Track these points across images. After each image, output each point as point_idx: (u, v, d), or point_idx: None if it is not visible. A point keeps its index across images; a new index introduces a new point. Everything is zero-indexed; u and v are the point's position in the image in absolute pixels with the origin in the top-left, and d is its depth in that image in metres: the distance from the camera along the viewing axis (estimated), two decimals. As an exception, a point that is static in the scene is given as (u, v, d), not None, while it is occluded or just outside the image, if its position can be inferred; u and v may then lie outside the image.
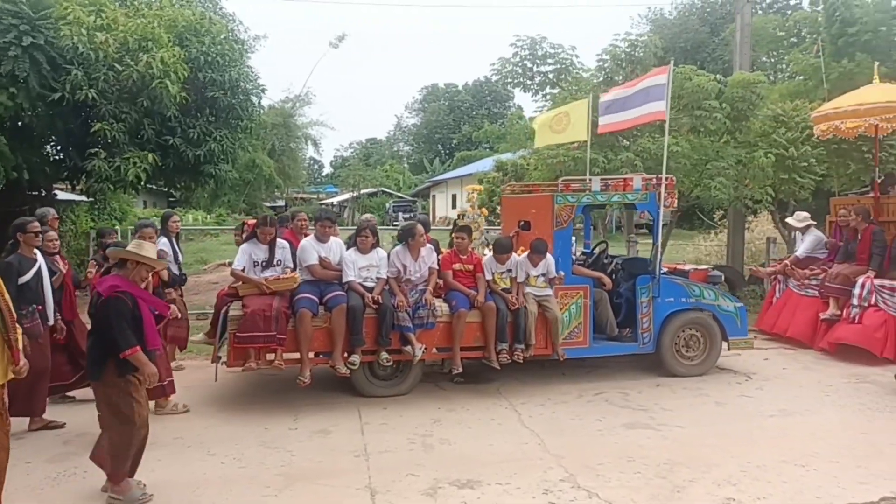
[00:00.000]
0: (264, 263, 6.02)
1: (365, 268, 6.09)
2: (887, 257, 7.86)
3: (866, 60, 15.34)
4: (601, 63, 11.00)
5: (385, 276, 6.13)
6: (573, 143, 9.47)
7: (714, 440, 5.11)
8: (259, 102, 12.86)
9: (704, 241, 16.90)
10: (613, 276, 7.28)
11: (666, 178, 6.90)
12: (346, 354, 5.90)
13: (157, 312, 4.32)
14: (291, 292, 5.90)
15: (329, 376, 6.27)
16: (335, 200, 45.69)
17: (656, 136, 10.64)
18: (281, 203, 38.40)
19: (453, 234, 6.73)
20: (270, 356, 5.82)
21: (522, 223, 7.04)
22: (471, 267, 6.39)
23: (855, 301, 7.75)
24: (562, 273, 6.58)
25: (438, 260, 6.53)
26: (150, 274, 4.49)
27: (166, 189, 15.96)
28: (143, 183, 10.48)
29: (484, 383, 6.60)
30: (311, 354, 5.99)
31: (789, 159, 10.99)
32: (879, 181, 9.44)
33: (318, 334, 5.86)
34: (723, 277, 8.41)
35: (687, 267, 8.21)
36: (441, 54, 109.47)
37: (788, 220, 9.83)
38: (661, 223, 6.97)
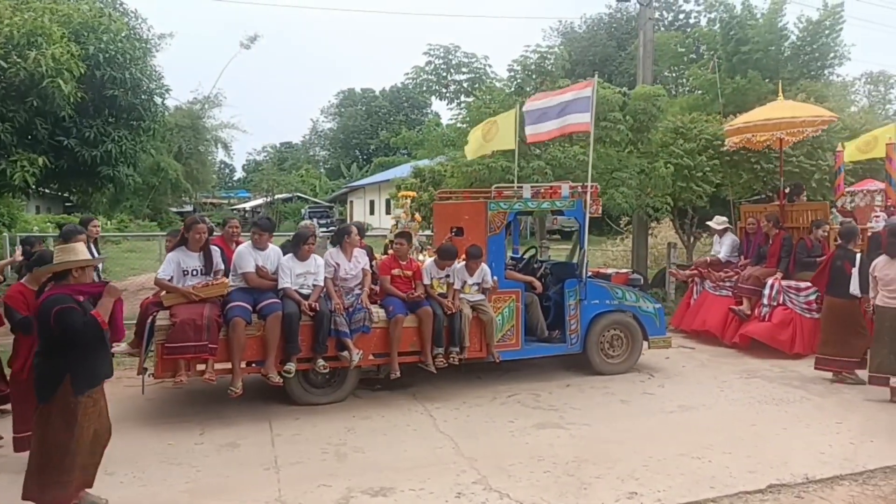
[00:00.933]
0: (198, 271, 5.69)
1: (302, 275, 5.98)
2: (792, 260, 8.50)
3: (756, 77, 16.63)
4: (512, 73, 11.29)
5: (321, 284, 6.03)
6: (498, 151, 9.64)
7: (619, 437, 5.34)
8: (163, 102, 12.29)
9: (612, 247, 17.65)
10: (543, 280, 7.52)
11: (591, 187, 7.22)
12: (280, 363, 5.75)
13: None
14: (223, 300, 5.70)
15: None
16: (248, 206, 44.34)
17: (565, 145, 11.04)
18: (189, 208, 36.84)
19: (393, 240, 6.73)
20: (201, 367, 5.60)
21: (455, 229, 7.12)
22: (410, 273, 6.44)
23: (765, 300, 8.36)
24: (496, 278, 6.71)
25: (374, 265, 6.57)
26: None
27: (60, 193, 14.93)
28: (33, 187, 9.75)
29: (399, 389, 6.58)
30: (243, 364, 5.80)
31: (687, 169, 11.69)
32: (786, 191, 10.15)
33: (251, 343, 5.70)
34: (641, 280, 8.87)
35: (609, 270, 8.58)
36: (358, 59, 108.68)
37: (709, 223, 10.53)
38: (586, 229, 7.27)
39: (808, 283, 8.10)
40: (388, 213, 29.73)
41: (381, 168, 43.22)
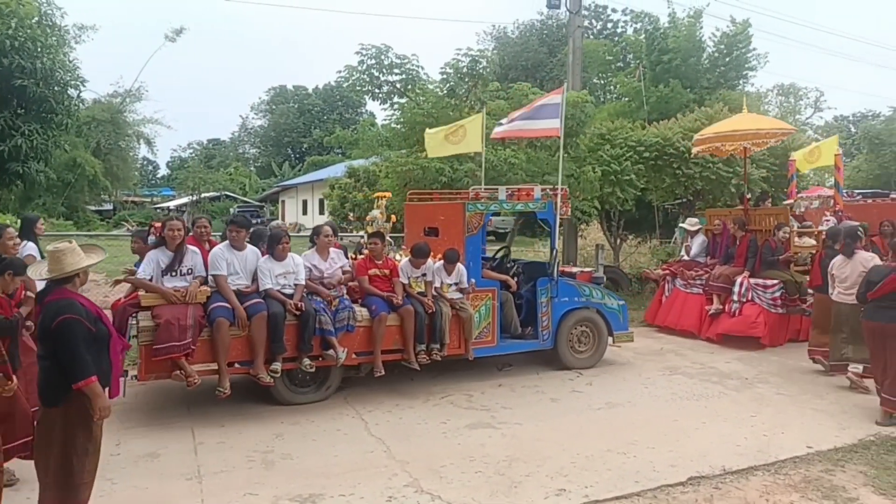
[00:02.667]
0: (172, 272, 5.62)
1: (282, 275, 5.96)
2: (758, 260, 9.13)
3: (678, 86, 17.39)
4: (445, 76, 11.34)
5: (303, 283, 6.03)
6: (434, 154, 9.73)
7: (549, 435, 5.43)
8: (79, 95, 11.67)
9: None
10: (515, 279, 7.73)
11: (561, 189, 7.55)
12: (265, 363, 5.74)
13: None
14: (206, 300, 5.64)
15: (163, 393, 5.79)
16: (172, 204, 42.54)
17: (498, 148, 11.19)
18: (109, 207, 35.06)
19: (367, 240, 6.81)
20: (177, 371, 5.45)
21: (428, 229, 7.23)
22: (387, 271, 6.53)
23: (735, 297, 8.99)
24: (473, 281, 6.91)
25: (352, 265, 6.65)
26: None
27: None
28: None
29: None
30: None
31: (614, 174, 12.08)
32: (750, 197, 11.02)
33: (235, 343, 5.64)
34: (605, 279, 9.34)
35: (574, 269, 8.89)
36: (290, 56, 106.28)
37: (683, 224, 11.19)
38: (557, 230, 7.56)
39: (775, 281, 8.86)
40: (321, 212, 29.26)
41: (314, 167, 42.48)
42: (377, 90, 11.34)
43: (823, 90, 56.41)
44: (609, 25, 33.09)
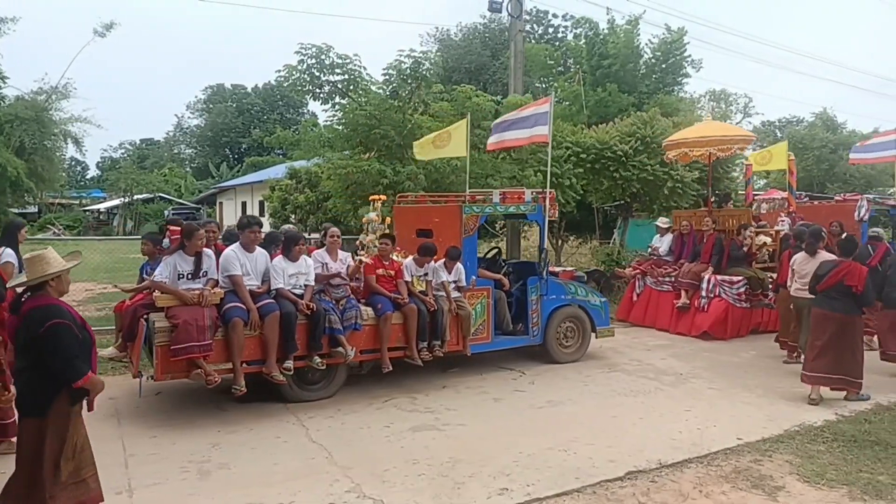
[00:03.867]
0: (190, 275, 5.76)
1: (294, 275, 6.16)
2: (726, 257, 9.84)
3: (615, 90, 17.86)
4: (388, 77, 11.27)
5: (312, 283, 6.25)
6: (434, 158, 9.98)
7: (492, 434, 5.47)
8: (-1, 91, 10.95)
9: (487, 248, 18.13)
10: (507, 278, 8.04)
11: (549, 193, 7.95)
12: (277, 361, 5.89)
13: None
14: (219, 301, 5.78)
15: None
16: (102, 206, 40.75)
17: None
18: (34, 209, 33.20)
19: (378, 241, 7.05)
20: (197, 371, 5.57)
21: (421, 231, 7.43)
22: (392, 272, 6.79)
23: (703, 293, 9.65)
24: (473, 279, 7.30)
25: (362, 265, 6.89)
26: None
27: None
28: None
29: (271, 400, 6.31)
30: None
31: (555, 177, 12.28)
32: (714, 199, 11.82)
33: (248, 343, 5.77)
34: (585, 278, 9.85)
35: (557, 269, 9.19)
36: (228, 54, 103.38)
37: (656, 222, 11.78)
38: (546, 230, 7.99)
39: (740, 277, 9.63)
40: (262, 214, 28.58)
41: (253, 168, 41.43)
42: (318, 90, 11.14)
43: (752, 96, 59.30)
44: (550, 30, 33.70)
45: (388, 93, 11.31)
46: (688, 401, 6.50)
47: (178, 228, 6.18)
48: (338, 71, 11.02)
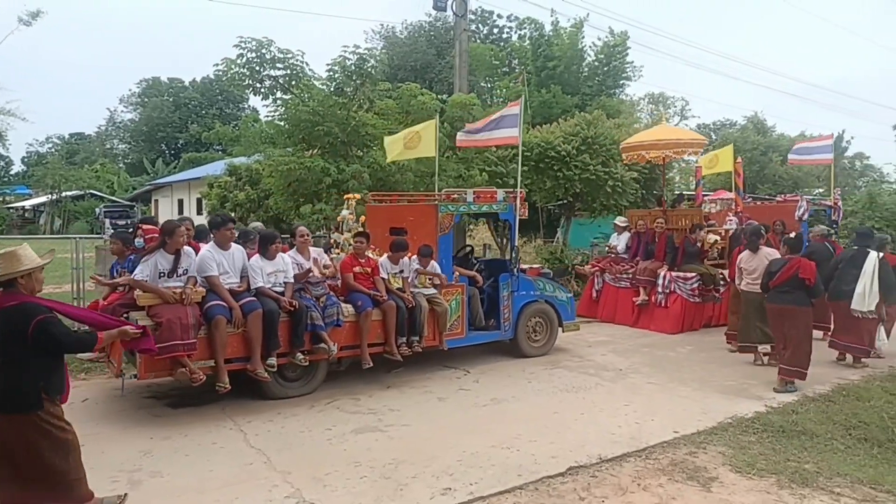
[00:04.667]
0: (169, 273, 5.66)
1: (272, 273, 6.20)
2: (681, 254, 10.29)
3: (559, 92, 18.17)
4: (331, 73, 11.09)
5: (292, 280, 6.28)
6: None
7: (436, 434, 5.44)
8: None
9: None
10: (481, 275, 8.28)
11: (520, 192, 8.19)
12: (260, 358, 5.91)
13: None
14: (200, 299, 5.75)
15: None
16: (28, 204, 38.63)
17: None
18: (-51, 206, 31.22)
19: (354, 239, 7.10)
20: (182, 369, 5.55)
21: (394, 230, 7.53)
22: (369, 269, 6.90)
23: (660, 289, 10.11)
24: (444, 275, 7.45)
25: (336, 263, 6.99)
26: None
27: None
28: None
29: (207, 405, 6.10)
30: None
31: (500, 176, 12.39)
32: (668, 200, 12.37)
33: (231, 340, 5.78)
34: (551, 274, 10.15)
35: (524, 266, 9.26)
36: (164, 45, 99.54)
37: (614, 221, 12.24)
38: (517, 229, 8.24)
39: (693, 274, 10.09)
40: (199, 212, 27.70)
41: (191, 164, 40.10)
42: (258, 85, 10.84)
43: (688, 100, 61.48)
44: (495, 31, 33.91)
45: (332, 89, 11.13)
46: (627, 395, 6.64)
47: (152, 227, 6.19)
48: (279, 66, 10.78)
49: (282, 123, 11.36)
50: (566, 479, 4.58)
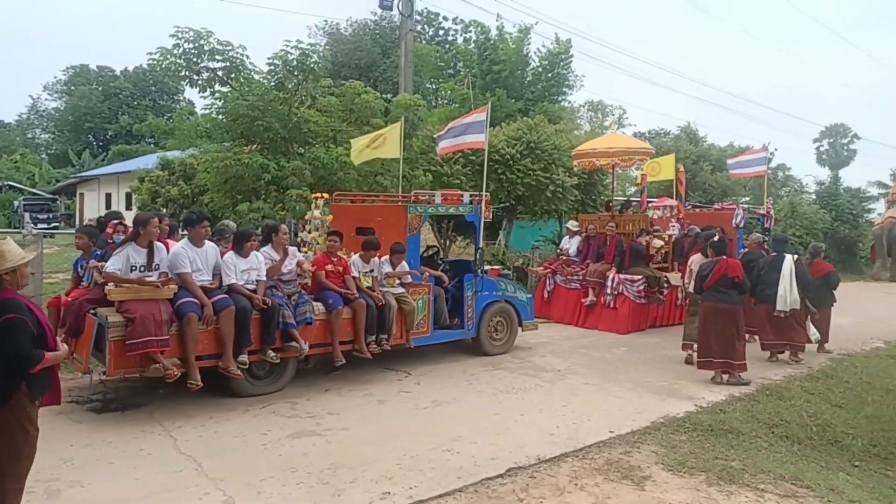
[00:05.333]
0: (143, 267, 5.60)
1: (245, 271, 6.21)
2: (628, 257, 10.62)
3: (503, 96, 18.37)
4: (273, 68, 10.82)
5: (264, 278, 6.30)
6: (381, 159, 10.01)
7: (375, 437, 5.36)
8: None
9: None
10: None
11: (485, 195, 8.41)
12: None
13: None
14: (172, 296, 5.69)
15: None
16: (-60, 194, 36.00)
17: (330, 145, 10.93)
18: None
19: (327, 238, 7.17)
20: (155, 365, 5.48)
21: (361, 229, 7.65)
22: (341, 268, 6.98)
23: (608, 291, 10.43)
24: (427, 274, 7.74)
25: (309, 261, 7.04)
26: None
27: None
28: None
29: (133, 409, 5.83)
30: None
31: (444, 177, 12.41)
32: (617, 205, 12.97)
33: (202, 337, 5.74)
34: (511, 276, 10.48)
35: (486, 267, 9.34)
36: (93, 32, 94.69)
37: (567, 225, 12.65)
38: (482, 230, 8.46)
39: (640, 276, 10.38)
40: (128, 207, 26.52)
41: (120, 157, 38.32)
42: (195, 76, 10.44)
43: (626, 108, 63.42)
44: (441, 32, 33.94)
45: (273, 84, 10.85)
46: (565, 396, 6.75)
47: (118, 222, 6.20)
48: (218, 57, 10.43)
49: (219, 117, 11.00)
50: (505, 480, 4.60)
